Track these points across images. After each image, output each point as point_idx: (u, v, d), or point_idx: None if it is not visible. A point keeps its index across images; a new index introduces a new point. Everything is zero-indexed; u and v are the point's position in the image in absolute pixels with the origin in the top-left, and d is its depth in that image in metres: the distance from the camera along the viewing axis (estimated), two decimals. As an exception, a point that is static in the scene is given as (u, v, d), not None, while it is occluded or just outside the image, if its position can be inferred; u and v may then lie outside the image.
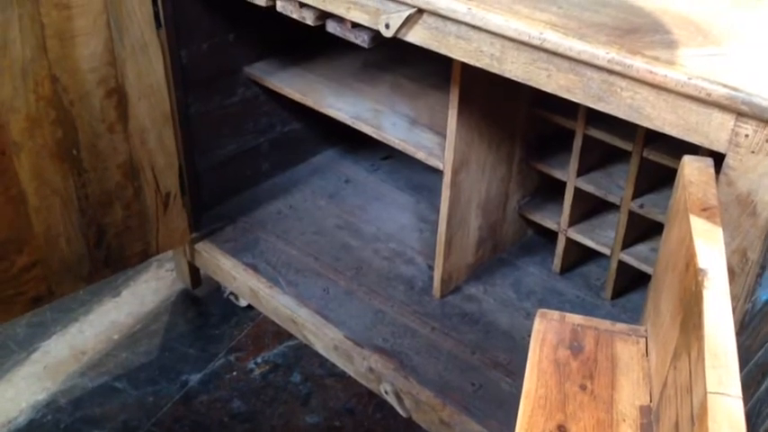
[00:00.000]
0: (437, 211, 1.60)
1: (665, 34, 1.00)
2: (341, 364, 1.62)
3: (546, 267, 1.77)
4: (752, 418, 1.26)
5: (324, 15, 1.37)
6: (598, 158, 1.62)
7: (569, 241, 1.69)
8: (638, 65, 0.94)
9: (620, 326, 1.04)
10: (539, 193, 1.78)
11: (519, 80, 1.07)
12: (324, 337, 1.62)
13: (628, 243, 1.59)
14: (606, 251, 1.62)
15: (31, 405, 1.70)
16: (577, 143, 1.56)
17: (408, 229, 1.90)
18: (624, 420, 0.90)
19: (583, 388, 0.94)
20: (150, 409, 1.69)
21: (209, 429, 1.65)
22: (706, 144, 0.93)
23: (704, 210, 0.84)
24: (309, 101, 1.77)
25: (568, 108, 1.49)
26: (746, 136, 0.89)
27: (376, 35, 1.31)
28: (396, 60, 1.90)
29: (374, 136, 1.66)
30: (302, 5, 1.36)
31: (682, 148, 1.03)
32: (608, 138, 1.51)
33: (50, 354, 1.83)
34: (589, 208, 1.68)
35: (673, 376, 0.80)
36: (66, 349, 1.84)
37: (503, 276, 1.75)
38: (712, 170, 0.92)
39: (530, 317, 1.62)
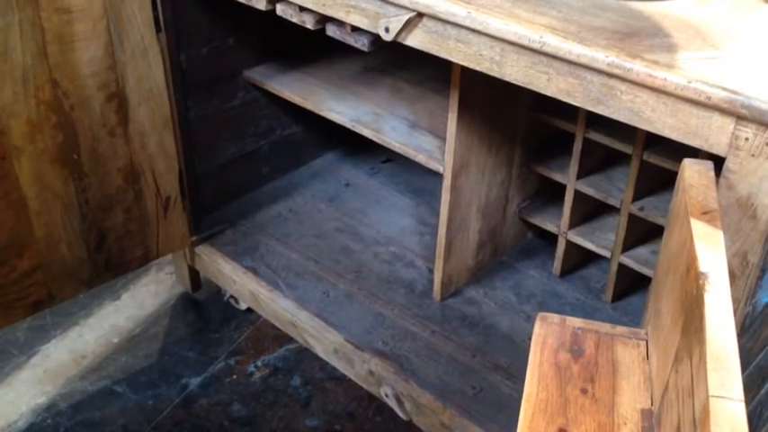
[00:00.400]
0: (437, 214, 1.60)
1: (664, 38, 1.01)
2: (341, 367, 1.62)
3: (546, 270, 1.77)
4: (753, 421, 1.26)
5: (324, 19, 1.37)
6: (598, 161, 1.62)
7: (569, 244, 1.69)
8: (638, 68, 0.94)
9: (621, 329, 1.04)
10: (539, 197, 1.78)
11: (519, 84, 1.08)
12: (324, 341, 1.62)
13: (628, 246, 1.59)
14: (606, 254, 1.62)
15: (31, 409, 1.70)
16: (577, 146, 1.56)
17: (408, 233, 1.90)
18: (625, 424, 0.90)
19: (584, 391, 0.94)
20: (150, 412, 1.69)
21: (210, 433, 1.65)
22: (706, 147, 0.93)
23: (705, 213, 0.84)
24: (309, 104, 1.77)
25: (568, 111, 1.49)
26: (746, 139, 0.89)
27: (376, 39, 1.31)
28: (395, 64, 1.90)
29: (374, 139, 1.66)
30: (302, 9, 1.36)
31: (682, 151, 1.03)
32: (608, 141, 1.51)
33: (50, 357, 1.83)
34: (589, 211, 1.68)
35: (674, 379, 0.80)
36: (66, 353, 1.84)
37: (503, 279, 1.75)
38: (712, 173, 0.92)
39: (530, 320, 1.62)
